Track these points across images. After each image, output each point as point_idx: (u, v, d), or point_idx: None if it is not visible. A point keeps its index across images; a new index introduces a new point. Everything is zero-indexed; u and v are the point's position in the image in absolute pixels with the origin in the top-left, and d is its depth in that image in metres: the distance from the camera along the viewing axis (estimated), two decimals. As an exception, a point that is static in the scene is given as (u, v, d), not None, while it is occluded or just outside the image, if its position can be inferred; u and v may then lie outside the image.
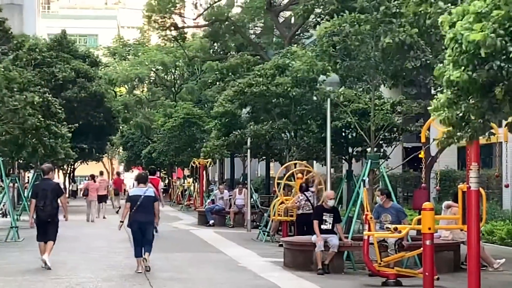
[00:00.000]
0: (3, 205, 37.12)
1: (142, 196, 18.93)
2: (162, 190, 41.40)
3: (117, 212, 45.34)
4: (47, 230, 19.82)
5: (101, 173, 48.43)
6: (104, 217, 42.65)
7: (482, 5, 9.60)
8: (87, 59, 61.82)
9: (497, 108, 10.13)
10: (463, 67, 9.92)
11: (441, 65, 10.47)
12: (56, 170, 64.82)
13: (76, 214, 43.08)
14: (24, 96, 25.75)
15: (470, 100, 10.27)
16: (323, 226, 19.45)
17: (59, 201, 20.10)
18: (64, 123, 38.44)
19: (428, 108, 11.49)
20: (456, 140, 11.31)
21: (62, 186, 31.15)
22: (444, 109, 10.69)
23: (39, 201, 19.65)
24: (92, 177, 44.13)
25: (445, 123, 10.87)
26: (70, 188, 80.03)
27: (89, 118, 57.61)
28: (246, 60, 42.96)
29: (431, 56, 19.29)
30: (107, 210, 45.14)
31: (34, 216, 20.29)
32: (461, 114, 10.50)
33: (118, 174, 63.23)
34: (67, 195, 66.05)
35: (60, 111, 37.79)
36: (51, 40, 61.23)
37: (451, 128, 10.92)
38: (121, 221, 19.87)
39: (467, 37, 9.63)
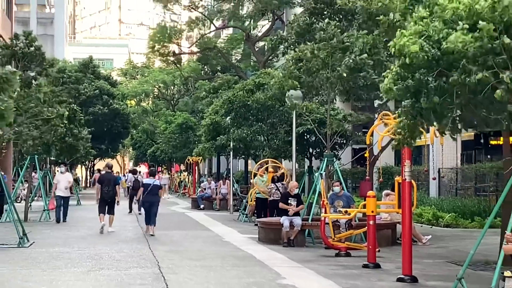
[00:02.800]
0: (36, 194, 36.96)
1: (152, 184, 22.25)
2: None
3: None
4: (107, 206, 23.02)
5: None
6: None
7: (422, 27, 9.57)
8: (108, 80, 61.64)
9: (424, 114, 10.13)
10: (399, 78, 9.92)
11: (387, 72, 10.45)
12: (79, 165, 64.68)
13: (92, 199, 43.10)
14: (57, 109, 25.83)
15: (404, 106, 10.25)
16: (290, 212, 19.51)
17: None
18: (85, 127, 38.38)
19: (382, 115, 11.56)
20: (397, 147, 11.39)
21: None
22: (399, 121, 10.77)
23: (104, 186, 23.01)
24: (99, 171, 45.00)
25: (395, 130, 10.97)
26: (90, 179, 79.82)
27: (108, 127, 57.33)
28: (227, 79, 43.20)
29: (375, 76, 19.31)
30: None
31: (99, 196, 23.20)
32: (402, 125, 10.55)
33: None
34: (86, 185, 65.87)
35: (82, 117, 37.85)
36: (79, 63, 60.92)
37: (398, 135, 10.97)
38: (137, 200, 24.70)
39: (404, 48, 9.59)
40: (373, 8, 17.79)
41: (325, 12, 26.86)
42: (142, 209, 24.52)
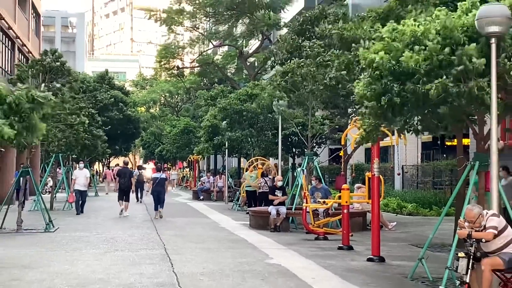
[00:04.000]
0: (60, 187, 36.94)
1: (159, 178, 23.58)
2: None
3: (106, 193, 44.18)
4: (124, 195, 24.37)
5: (117, 165, 48.75)
6: (106, 193, 43.23)
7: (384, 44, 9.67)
8: (121, 90, 61.54)
9: (386, 115, 10.19)
10: (367, 84, 10.01)
11: (357, 81, 10.55)
12: (96, 162, 64.46)
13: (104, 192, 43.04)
14: (79, 117, 25.93)
15: (370, 106, 10.32)
16: (275, 202, 19.54)
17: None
18: (102, 127, 38.50)
19: (355, 119, 11.69)
20: (365, 142, 11.43)
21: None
22: (361, 119, 10.81)
23: (122, 179, 24.47)
24: (108, 167, 46.29)
25: (360, 127, 11.04)
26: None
27: (122, 130, 57.08)
28: (222, 89, 43.26)
29: (351, 85, 19.41)
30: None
31: (117, 187, 24.92)
32: (368, 123, 10.59)
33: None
34: (102, 179, 65.72)
35: (99, 120, 38.00)
36: (97, 75, 60.72)
37: (363, 132, 11.02)
38: (147, 191, 26.05)
39: (369, 57, 9.74)
40: (345, 35, 17.91)
41: (308, 35, 26.99)
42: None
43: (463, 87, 8.89)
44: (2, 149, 28.89)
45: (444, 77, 8.93)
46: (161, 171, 25.00)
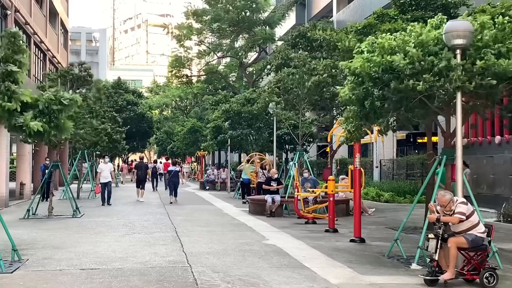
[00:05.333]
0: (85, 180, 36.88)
1: (174, 170, 25.32)
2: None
3: (121, 182, 44.43)
4: (141, 184, 26.16)
5: (133, 160, 48.88)
6: (122, 183, 44.30)
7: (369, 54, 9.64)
8: (135, 93, 61.41)
9: (368, 116, 10.16)
10: (350, 88, 10.00)
11: (341, 87, 10.55)
12: (117, 157, 64.33)
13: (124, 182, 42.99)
14: (102, 125, 25.90)
15: (353, 109, 10.29)
16: (272, 189, 19.55)
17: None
18: (123, 127, 38.42)
19: (339, 120, 11.64)
20: (349, 142, 11.40)
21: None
22: (345, 122, 10.79)
23: (139, 171, 26.43)
24: (124, 161, 46.47)
25: (345, 130, 11.01)
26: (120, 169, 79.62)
27: (136, 128, 56.91)
28: (224, 95, 43.25)
29: (334, 88, 19.40)
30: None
31: (135, 177, 26.87)
32: (352, 125, 10.56)
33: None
34: (119, 171, 65.71)
35: (120, 121, 38.05)
36: (113, 82, 60.69)
37: (347, 133, 10.99)
38: (164, 181, 27.87)
39: (350, 66, 9.74)
40: (333, 39, 17.94)
41: (300, 45, 27.00)
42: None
43: (445, 81, 8.82)
44: (36, 148, 28.84)
45: (430, 74, 8.89)
46: (176, 165, 26.50)
